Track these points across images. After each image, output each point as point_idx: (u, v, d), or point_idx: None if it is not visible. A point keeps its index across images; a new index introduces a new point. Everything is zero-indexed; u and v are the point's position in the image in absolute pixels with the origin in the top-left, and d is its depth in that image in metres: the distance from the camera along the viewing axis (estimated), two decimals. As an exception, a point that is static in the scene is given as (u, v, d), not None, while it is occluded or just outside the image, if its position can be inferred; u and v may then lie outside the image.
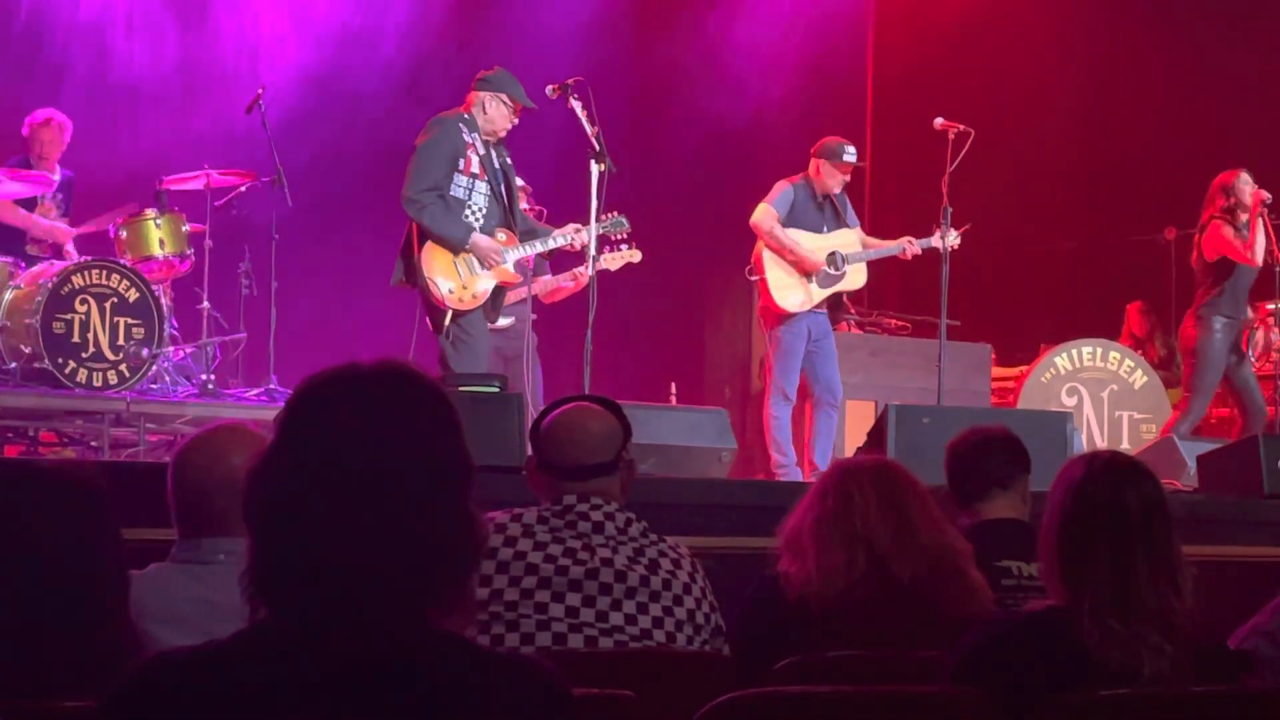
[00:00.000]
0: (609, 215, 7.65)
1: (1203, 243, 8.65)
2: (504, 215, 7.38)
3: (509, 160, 7.45)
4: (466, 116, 7.32)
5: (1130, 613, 2.72)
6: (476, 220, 7.26)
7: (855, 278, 8.36)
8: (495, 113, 7.32)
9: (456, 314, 7.21)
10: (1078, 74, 11.74)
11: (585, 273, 8.11)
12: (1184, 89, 11.43)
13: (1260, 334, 9.62)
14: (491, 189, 7.33)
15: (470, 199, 7.25)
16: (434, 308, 7.24)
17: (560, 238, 7.49)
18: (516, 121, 7.39)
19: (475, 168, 7.27)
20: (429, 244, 7.18)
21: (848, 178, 8.28)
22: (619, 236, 7.80)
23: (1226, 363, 8.65)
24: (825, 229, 8.26)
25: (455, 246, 7.17)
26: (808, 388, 8.24)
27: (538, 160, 8.45)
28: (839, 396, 8.33)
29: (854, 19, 12.00)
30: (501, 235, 7.34)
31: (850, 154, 8.20)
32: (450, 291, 7.19)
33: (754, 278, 8.30)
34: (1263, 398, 8.79)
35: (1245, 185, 8.56)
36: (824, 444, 8.15)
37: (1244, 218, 8.54)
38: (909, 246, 8.38)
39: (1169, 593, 2.76)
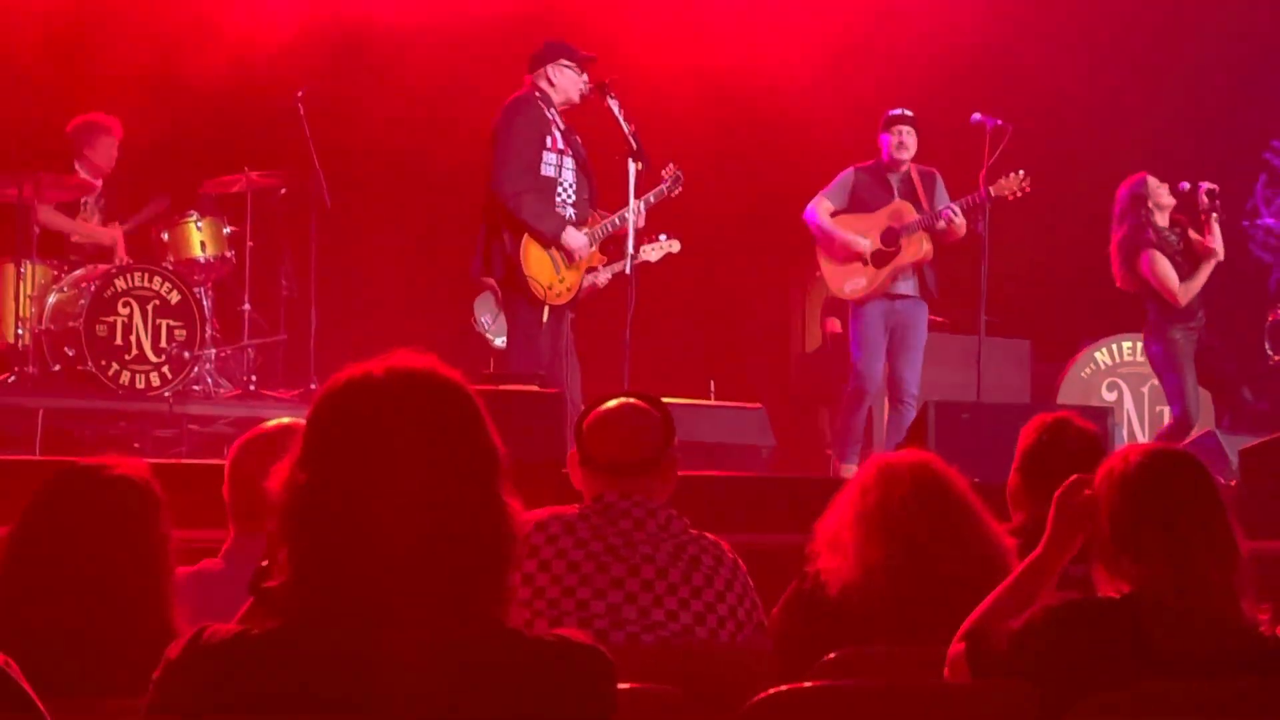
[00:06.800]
0: (666, 172, 7.46)
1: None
2: (590, 190, 7.34)
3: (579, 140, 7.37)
4: (538, 95, 7.20)
5: (1193, 599, 2.69)
6: (568, 197, 7.22)
7: (914, 248, 8.14)
8: (562, 80, 7.22)
9: (551, 309, 7.18)
10: (1115, 67, 11.66)
11: (598, 281, 8.01)
12: (1229, 79, 11.33)
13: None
14: (577, 164, 7.26)
15: (560, 175, 7.20)
16: (529, 302, 7.16)
17: (620, 218, 7.32)
18: (585, 82, 7.21)
19: (560, 144, 7.19)
20: (526, 239, 7.10)
21: (903, 137, 8.15)
22: (677, 195, 7.58)
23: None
24: (884, 205, 8.14)
25: (548, 241, 7.12)
26: (884, 382, 8.13)
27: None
28: (914, 394, 8.10)
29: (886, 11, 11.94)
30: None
31: (894, 112, 8.16)
32: (550, 288, 7.18)
33: (818, 274, 8.30)
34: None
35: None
36: (895, 441, 8.02)
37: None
38: (950, 215, 8.07)
39: (1230, 577, 2.73)
